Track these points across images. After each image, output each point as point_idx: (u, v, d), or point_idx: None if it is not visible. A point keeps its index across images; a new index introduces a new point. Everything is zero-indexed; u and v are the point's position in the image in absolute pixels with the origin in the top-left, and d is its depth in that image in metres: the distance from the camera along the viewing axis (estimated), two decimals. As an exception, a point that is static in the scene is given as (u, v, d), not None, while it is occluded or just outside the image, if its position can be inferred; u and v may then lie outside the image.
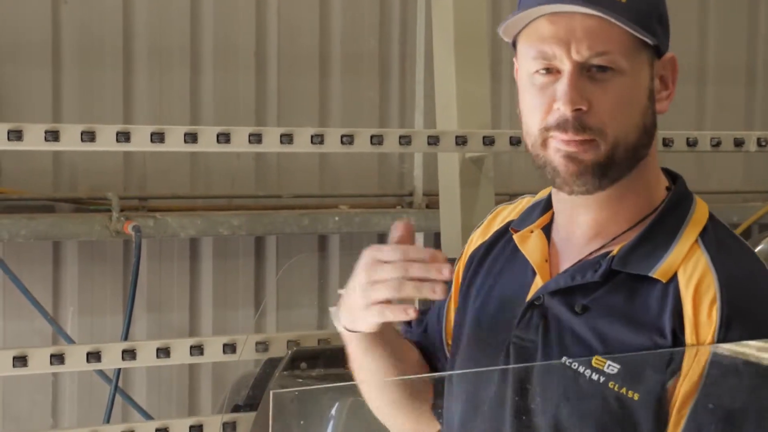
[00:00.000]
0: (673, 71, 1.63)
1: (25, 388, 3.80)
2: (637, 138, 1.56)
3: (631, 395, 1.52)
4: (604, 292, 1.57)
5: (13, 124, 3.18)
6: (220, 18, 4.06)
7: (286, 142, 3.43)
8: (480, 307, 1.71)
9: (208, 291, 4.05)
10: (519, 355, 1.61)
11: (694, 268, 1.54)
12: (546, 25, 1.54)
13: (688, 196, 1.64)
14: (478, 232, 1.81)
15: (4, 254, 3.63)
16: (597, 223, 1.62)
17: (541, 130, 1.56)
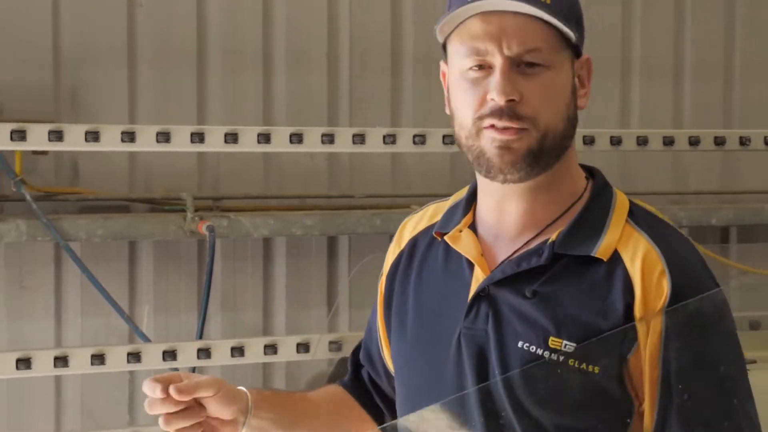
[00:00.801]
0: (588, 71, 1.76)
1: (102, 385, 3.85)
2: (564, 128, 1.67)
3: (591, 369, 1.61)
4: (551, 275, 1.66)
5: (90, 126, 3.23)
6: (292, 20, 4.08)
7: (359, 142, 3.45)
8: (421, 311, 1.77)
9: (281, 290, 4.07)
10: (471, 344, 1.68)
11: (636, 245, 1.65)
12: (478, 23, 1.63)
13: (608, 184, 1.77)
14: (391, 248, 1.89)
15: (81, 254, 3.68)
16: (528, 213, 1.70)
17: (475, 120, 1.64)
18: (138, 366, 3.41)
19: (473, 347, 1.67)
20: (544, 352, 1.62)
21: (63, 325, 3.82)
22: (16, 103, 3.71)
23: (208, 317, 3.69)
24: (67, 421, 3.85)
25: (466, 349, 1.68)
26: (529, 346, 1.63)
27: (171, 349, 3.39)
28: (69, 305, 3.82)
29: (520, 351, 1.63)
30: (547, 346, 1.62)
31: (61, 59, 3.79)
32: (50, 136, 3.17)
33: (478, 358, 1.67)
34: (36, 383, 3.74)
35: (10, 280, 3.75)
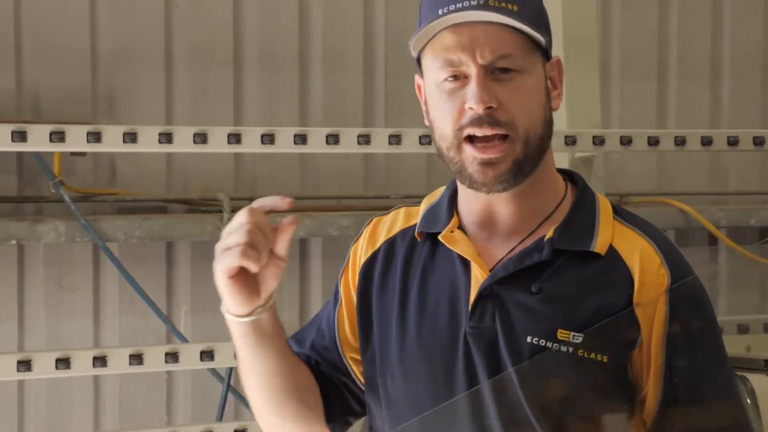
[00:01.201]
0: (559, 72, 1.78)
1: (140, 385, 3.87)
2: (542, 131, 1.71)
3: (600, 358, 1.66)
4: (553, 271, 1.70)
5: (127, 127, 3.25)
6: (328, 21, 4.09)
7: (395, 142, 3.45)
8: (412, 313, 1.77)
9: (318, 290, 4.08)
10: (479, 342, 1.70)
11: (632, 241, 1.72)
12: (450, 36, 1.66)
13: (588, 186, 1.82)
14: (362, 242, 1.87)
15: (119, 254, 3.70)
16: (518, 213, 1.74)
17: (456, 131, 1.67)
18: (175, 366, 3.42)
19: (483, 346, 1.69)
20: (553, 345, 1.66)
21: (101, 326, 3.85)
22: (54, 105, 3.74)
23: (245, 317, 3.69)
24: (105, 421, 3.87)
25: (476, 348, 1.70)
26: (539, 340, 1.67)
27: (208, 350, 3.40)
28: (107, 305, 3.85)
29: (530, 345, 1.67)
30: (556, 339, 1.66)
31: (98, 61, 3.82)
32: (88, 138, 3.18)
33: (489, 355, 1.69)
34: (75, 383, 3.77)
35: (49, 280, 3.78)
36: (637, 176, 4.48)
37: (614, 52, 4.46)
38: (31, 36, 3.74)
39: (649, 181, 4.52)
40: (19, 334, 3.76)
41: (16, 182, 3.74)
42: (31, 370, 3.25)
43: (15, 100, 3.71)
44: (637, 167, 4.49)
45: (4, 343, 3.72)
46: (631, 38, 4.49)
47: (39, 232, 3.50)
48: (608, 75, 4.41)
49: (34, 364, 3.24)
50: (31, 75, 3.74)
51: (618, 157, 4.38)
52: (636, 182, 4.46)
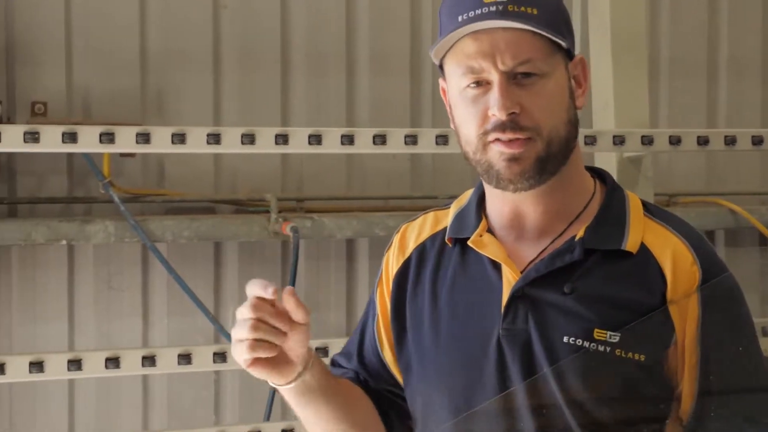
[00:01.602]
0: (583, 70, 1.78)
1: (188, 384, 3.89)
2: (567, 131, 1.71)
3: (638, 357, 1.66)
4: (585, 270, 1.71)
5: (176, 128, 3.27)
6: (375, 22, 4.09)
7: (442, 143, 3.44)
8: (444, 318, 1.78)
9: (364, 291, 4.08)
10: (513, 345, 1.70)
11: (663, 238, 1.72)
12: (470, 43, 1.68)
13: (617, 184, 1.83)
14: (393, 252, 1.91)
15: (167, 255, 3.72)
16: (547, 214, 1.75)
17: (480, 135, 1.70)
18: (224, 366, 3.44)
19: (516, 348, 1.70)
20: (590, 344, 1.67)
21: (150, 325, 3.87)
22: (104, 107, 3.77)
23: (292, 318, 3.70)
24: (153, 420, 3.90)
25: (510, 351, 1.70)
26: (575, 340, 1.67)
27: (255, 350, 3.40)
28: (155, 305, 3.87)
29: (567, 345, 1.67)
30: (592, 339, 1.67)
31: (147, 63, 3.84)
32: (137, 139, 3.21)
33: (524, 357, 1.70)
34: (124, 382, 3.80)
35: (99, 280, 3.81)
36: (686, 176, 4.44)
37: (663, 50, 4.42)
38: (82, 38, 3.77)
39: (699, 181, 4.48)
40: (69, 334, 3.80)
41: (67, 183, 3.78)
42: (81, 370, 3.28)
43: (65, 101, 3.74)
44: (687, 167, 4.45)
45: (55, 342, 3.76)
46: (681, 36, 4.45)
47: (88, 232, 3.53)
48: (657, 73, 4.37)
49: (84, 364, 3.28)
50: (81, 77, 3.77)
51: (667, 157, 4.34)
52: (685, 182, 4.43)
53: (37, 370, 3.25)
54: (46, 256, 3.75)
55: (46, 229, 3.48)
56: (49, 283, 3.76)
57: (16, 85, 3.70)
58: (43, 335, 3.76)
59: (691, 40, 4.46)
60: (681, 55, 4.44)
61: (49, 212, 3.74)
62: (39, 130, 3.14)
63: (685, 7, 4.45)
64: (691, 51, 4.45)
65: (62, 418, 3.82)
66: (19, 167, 3.73)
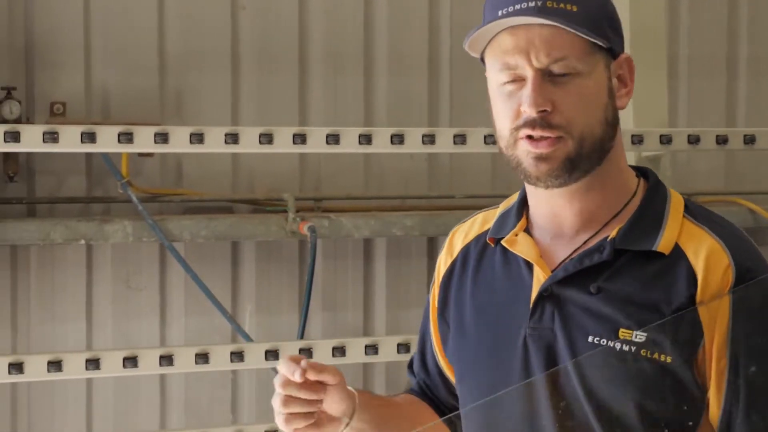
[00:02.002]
0: (629, 70, 1.76)
1: (206, 384, 3.90)
2: (601, 131, 1.69)
3: (664, 359, 1.64)
4: (614, 271, 1.69)
5: (194, 128, 3.28)
6: (393, 22, 4.08)
7: (459, 142, 3.44)
8: (480, 316, 1.80)
9: (382, 291, 4.08)
10: (538, 343, 1.70)
11: (699, 240, 1.69)
12: (507, 38, 1.68)
13: (661, 183, 1.79)
14: (442, 256, 1.94)
15: (185, 254, 3.73)
16: (583, 213, 1.74)
17: (512, 131, 1.69)
18: (241, 365, 3.45)
19: (540, 346, 1.70)
20: (615, 344, 1.65)
21: (167, 325, 3.88)
22: (123, 107, 3.78)
23: (310, 317, 3.71)
24: (171, 419, 3.91)
25: (534, 349, 1.71)
26: (600, 340, 1.66)
27: (273, 349, 3.42)
28: (173, 305, 3.88)
29: (591, 345, 1.66)
30: (617, 338, 1.65)
31: (166, 63, 3.85)
32: (156, 139, 3.22)
33: (547, 356, 1.70)
34: (142, 381, 3.81)
35: (117, 280, 3.82)
36: (705, 175, 4.42)
37: (682, 49, 4.40)
38: (101, 39, 3.78)
39: (718, 180, 4.46)
40: (87, 333, 3.81)
41: (85, 183, 3.79)
42: (99, 369, 3.30)
43: (84, 101, 3.75)
44: (705, 166, 4.43)
45: (73, 341, 3.77)
46: (700, 34, 4.43)
47: (107, 232, 3.54)
48: (676, 72, 4.35)
49: (102, 363, 3.29)
50: (100, 77, 3.78)
51: (685, 156, 4.33)
52: (704, 181, 4.40)
53: (55, 369, 3.26)
54: (64, 255, 3.76)
55: (65, 229, 3.49)
56: (68, 282, 3.78)
57: (35, 86, 3.72)
58: (62, 334, 3.77)
59: (711, 38, 4.44)
60: (700, 53, 4.42)
61: (67, 212, 3.75)
62: (58, 131, 3.16)
63: (705, 5, 4.43)
64: (710, 49, 4.43)
65: (80, 418, 3.83)
66: (38, 167, 3.74)
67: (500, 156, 1.75)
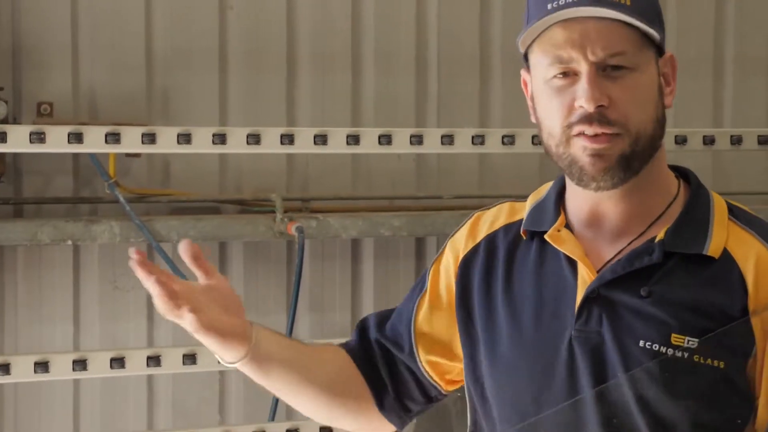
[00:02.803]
0: (673, 68, 1.71)
1: (193, 384, 3.90)
2: (653, 130, 1.65)
3: (717, 364, 1.60)
4: (663, 274, 1.64)
5: (182, 128, 3.28)
6: (381, 22, 4.08)
7: (447, 143, 3.44)
8: (517, 313, 1.73)
9: (369, 291, 4.08)
10: (585, 347, 1.65)
11: (748, 244, 1.65)
12: (560, 31, 1.62)
13: (702, 184, 1.77)
14: (462, 235, 1.85)
15: (173, 255, 3.72)
16: (626, 214, 1.69)
17: (564, 128, 1.63)
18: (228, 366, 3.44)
19: (587, 350, 1.65)
20: (668, 349, 1.60)
21: (155, 325, 3.87)
22: (110, 107, 3.77)
23: (297, 318, 3.71)
24: (158, 420, 3.90)
25: (580, 353, 1.65)
26: (652, 345, 1.61)
27: (261, 350, 3.41)
28: (161, 305, 3.87)
29: (643, 350, 1.61)
30: (670, 344, 1.60)
31: (153, 63, 3.85)
32: (143, 139, 3.21)
33: (595, 361, 1.64)
34: (129, 382, 3.80)
35: (104, 280, 3.82)
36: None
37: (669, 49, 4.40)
38: (88, 39, 3.78)
39: (705, 180, 4.42)
40: (75, 334, 3.80)
41: (72, 183, 3.78)
42: (86, 370, 3.29)
43: (71, 102, 3.75)
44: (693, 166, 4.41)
45: (60, 342, 3.76)
46: (686, 35, 4.44)
47: (94, 232, 3.53)
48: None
49: (89, 364, 3.29)
50: (87, 77, 3.78)
51: (673, 157, 4.32)
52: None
53: (42, 370, 3.25)
54: (51, 256, 3.75)
55: (52, 229, 3.49)
56: (55, 283, 3.77)
57: (23, 86, 3.71)
58: (49, 335, 3.77)
59: (698, 39, 4.45)
60: (687, 54, 4.44)
61: (54, 212, 3.74)
62: (45, 131, 3.15)
63: (692, 6, 4.44)
64: (697, 50, 4.45)
65: (67, 419, 3.82)
66: (25, 167, 3.73)
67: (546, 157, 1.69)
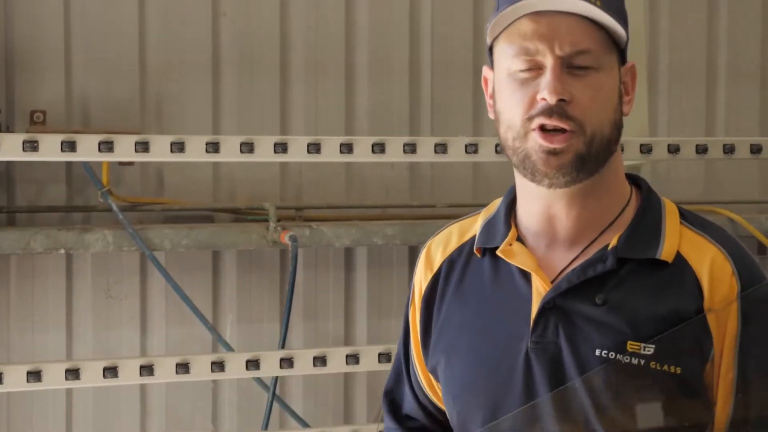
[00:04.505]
0: (633, 78, 1.71)
1: (187, 394, 3.89)
2: (610, 132, 1.64)
3: (674, 370, 1.60)
4: (618, 280, 1.64)
5: (175, 137, 3.27)
6: (374, 29, 4.09)
7: (441, 151, 3.44)
8: (472, 331, 1.72)
9: (363, 300, 4.08)
10: (542, 358, 1.64)
11: (701, 248, 1.66)
12: (528, 23, 1.61)
13: (653, 190, 1.77)
14: (420, 273, 1.84)
15: (166, 263, 3.72)
16: (580, 219, 1.68)
17: (524, 121, 1.62)
18: (222, 375, 3.44)
19: (545, 361, 1.64)
20: (624, 357, 1.60)
21: (148, 334, 3.87)
22: (103, 116, 3.77)
23: (291, 326, 3.71)
24: (151, 429, 3.89)
25: (538, 364, 1.65)
26: (608, 353, 1.61)
27: (254, 359, 3.41)
28: (154, 314, 3.87)
29: (599, 359, 1.61)
30: (626, 351, 1.60)
31: (146, 72, 3.84)
32: (136, 147, 3.21)
33: (552, 371, 1.64)
34: (122, 391, 3.80)
35: (97, 289, 3.81)
36: (684, 184, 4.44)
37: (662, 57, 4.42)
38: (81, 46, 3.77)
39: (697, 189, 4.48)
40: (67, 343, 3.79)
41: (65, 192, 3.77)
42: (79, 379, 3.28)
43: (65, 110, 3.74)
44: (685, 175, 4.45)
45: (53, 351, 3.75)
46: (679, 43, 4.45)
47: (87, 241, 3.52)
48: (656, 81, 4.37)
49: (82, 373, 3.27)
50: (80, 85, 3.77)
51: (665, 165, 4.34)
52: (684, 190, 4.42)
53: (35, 379, 3.24)
54: (44, 264, 3.74)
55: (45, 238, 3.48)
56: (48, 291, 3.76)
57: (15, 94, 3.70)
58: (41, 344, 3.76)
59: (690, 48, 4.46)
60: (679, 62, 4.45)
61: (48, 221, 3.73)
62: (38, 139, 3.14)
63: (684, 14, 4.45)
64: (689, 58, 4.45)
65: (60, 428, 3.81)
66: (18, 176, 3.73)
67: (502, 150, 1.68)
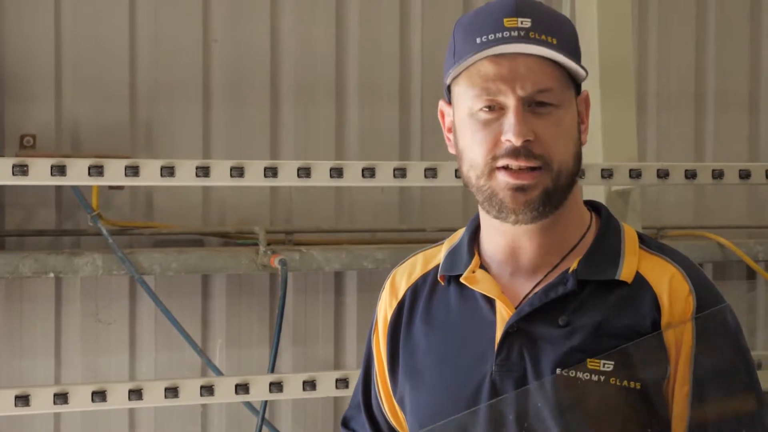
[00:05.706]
0: (586, 107, 1.76)
1: (176, 418, 3.87)
2: (573, 165, 1.69)
3: (633, 386, 1.64)
4: (579, 302, 1.68)
5: (165, 161, 3.26)
6: (364, 54, 4.10)
7: (430, 176, 3.44)
8: (438, 358, 1.75)
9: (353, 324, 4.07)
10: (506, 381, 1.67)
11: (660, 268, 1.71)
12: (489, 65, 1.64)
13: (612, 216, 1.81)
14: (385, 301, 1.86)
15: (155, 287, 3.71)
16: (542, 248, 1.72)
17: (489, 161, 1.65)
18: (211, 399, 3.42)
19: (510, 384, 1.67)
20: (584, 374, 1.64)
21: (137, 359, 3.86)
22: (93, 140, 3.77)
23: (280, 351, 3.70)
24: (140, 454, 3.88)
25: (503, 387, 1.67)
26: (569, 372, 1.64)
27: (243, 383, 3.40)
28: (143, 338, 3.86)
29: (559, 378, 1.64)
30: (586, 369, 1.64)
31: (137, 96, 3.85)
32: (126, 172, 3.20)
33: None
34: (111, 416, 3.78)
35: (86, 313, 3.80)
36: (674, 209, 4.45)
37: (651, 84, 4.45)
38: (71, 71, 3.78)
39: (687, 214, 4.49)
40: (56, 367, 3.78)
41: (55, 216, 3.77)
42: (67, 403, 3.25)
43: (54, 134, 3.74)
44: (675, 200, 4.46)
45: (41, 375, 3.74)
46: (668, 70, 4.47)
47: (76, 265, 3.51)
48: (645, 107, 4.39)
49: (70, 397, 3.25)
50: (70, 110, 3.78)
51: (655, 190, 4.36)
52: (673, 215, 4.44)
53: (23, 403, 3.22)
54: (33, 288, 3.73)
55: (34, 262, 3.47)
56: (36, 315, 3.75)
57: (5, 118, 3.70)
58: (30, 368, 3.74)
59: (679, 74, 4.48)
60: (668, 89, 4.47)
61: (37, 245, 3.73)
62: (28, 163, 3.13)
63: (672, 42, 4.47)
64: (678, 85, 4.48)
65: (48, 452, 3.79)
66: (7, 200, 3.72)
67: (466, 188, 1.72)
